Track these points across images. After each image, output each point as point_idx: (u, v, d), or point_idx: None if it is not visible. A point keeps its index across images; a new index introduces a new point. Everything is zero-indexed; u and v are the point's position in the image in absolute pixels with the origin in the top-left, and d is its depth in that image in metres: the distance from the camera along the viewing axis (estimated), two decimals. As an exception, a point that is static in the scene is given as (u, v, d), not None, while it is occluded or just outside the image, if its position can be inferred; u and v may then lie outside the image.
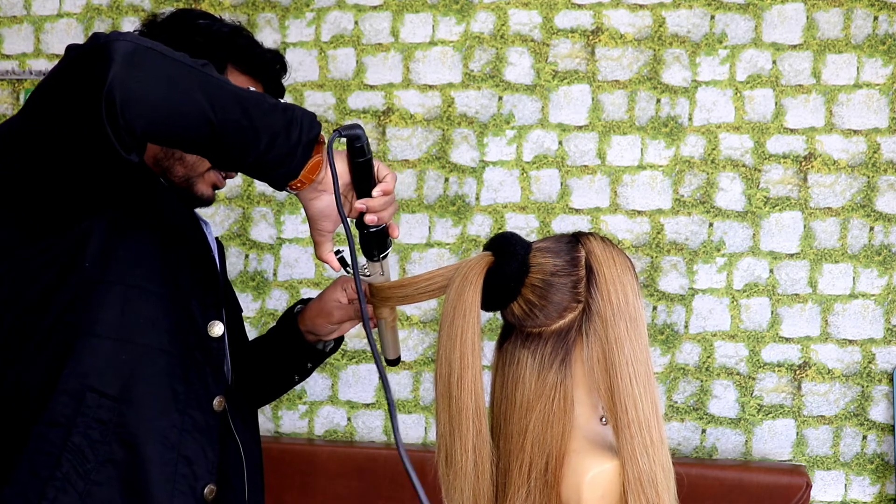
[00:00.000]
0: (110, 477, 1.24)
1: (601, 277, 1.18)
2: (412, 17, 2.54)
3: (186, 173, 1.41)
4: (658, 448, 1.15)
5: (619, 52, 2.47)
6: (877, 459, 2.40)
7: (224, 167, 1.24)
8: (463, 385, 1.16)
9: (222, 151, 1.14)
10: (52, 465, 1.21)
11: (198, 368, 1.33)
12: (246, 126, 1.13)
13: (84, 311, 1.25)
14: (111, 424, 1.24)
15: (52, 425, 1.22)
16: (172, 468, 1.27)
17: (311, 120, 1.18)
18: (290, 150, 1.16)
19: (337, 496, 2.36)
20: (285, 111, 1.17)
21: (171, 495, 1.26)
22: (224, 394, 1.36)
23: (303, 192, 1.22)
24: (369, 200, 1.25)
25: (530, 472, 1.17)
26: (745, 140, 2.43)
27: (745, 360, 2.43)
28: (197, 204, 1.46)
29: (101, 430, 1.24)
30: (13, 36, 2.69)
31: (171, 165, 1.41)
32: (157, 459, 1.26)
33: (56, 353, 1.24)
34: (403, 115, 2.54)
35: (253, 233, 2.59)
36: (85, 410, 1.23)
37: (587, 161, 2.48)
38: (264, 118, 1.14)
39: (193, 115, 1.10)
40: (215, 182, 1.45)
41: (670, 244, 2.45)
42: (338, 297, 1.54)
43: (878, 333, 2.39)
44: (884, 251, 2.39)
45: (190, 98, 1.10)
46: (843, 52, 2.40)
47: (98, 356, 1.25)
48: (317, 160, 1.19)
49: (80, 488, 1.22)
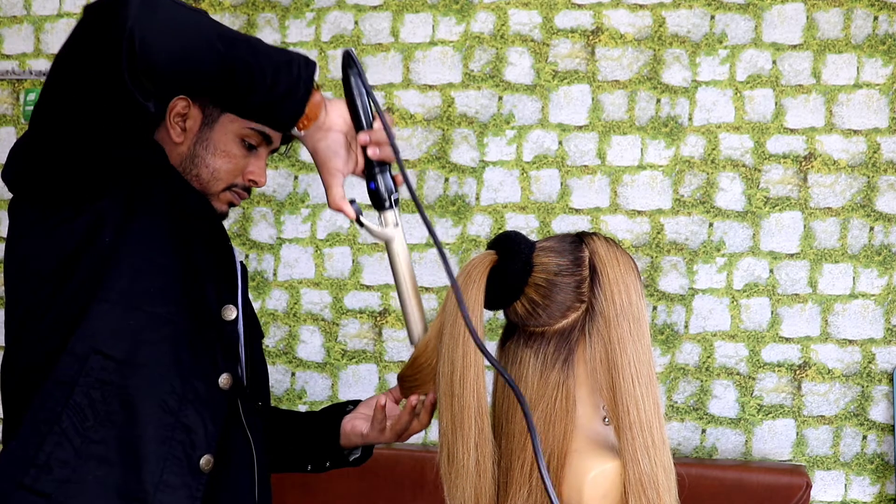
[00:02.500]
0: (107, 436, 1.27)
1: (605, 277, 1.18)
2: (412, 17, 2.54)
3: (202, 190, 1.44)
4: (659, 449, 1.15)
5: (619, 52, 2.47)
6: (877, 459, 2.40)
7: (235, 109, 1.26)
8: (465, 384, 1.16)
9: (233, 89, 1.17)
10: (53, 420, 1.26)
11: (206, 343, 1.35)
12: (252, 63, 1.16)
13: (98, 281, 1.29)
14: (113, 385, 1.28)
15: (57, 384, 1.28)
16: (168, 433, 1.29)
17: (306, 58, 1.21)
18: (294, 84, 1.18)
19: (337, 496, 2.36)
20: (282, 51, 1.21)
21: (163, 458, 1.29)
22: (233, 376, 1.37)
23: (308, 132, 1.24)
24: (371, 132, 1.27)
25: (532, 471, 1.17)
26: (745, 140, 2.43)
27: (745, 360, 2.43)
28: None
29: (103, 390, 1.28)
30: (13, 36, 2.69)
31: (188, 181, 1.44)
32: (153, 422, 1.29)
33: (69, 319, 1.29)
34: (403, 115, 2.54)
35: (253, 233, 2.59)
36: (89, 371, 1.27)
37: (587, 161, 2.48)
38: (267, 56, 1.17)
39: (206, 52, 1.14)
40: (231, 200, 1.48)
41: (670, 244, 2.46)
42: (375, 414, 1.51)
43: (878, 333, 2.40)
44: (884, 251, 2.39)
45: (202, 36, 1.14)
46: (843, 52, 2.40)
47: (106, 320, 1.29)
48: (317, 99, 1.22)
49: (77, 444, 1.26)
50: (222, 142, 1.45)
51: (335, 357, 2.56)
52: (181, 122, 1.45)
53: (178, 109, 1.44)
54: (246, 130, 1.45)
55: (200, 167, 1.44)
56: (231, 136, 1.45)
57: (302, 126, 1.22)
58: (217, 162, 1.44)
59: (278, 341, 2.58)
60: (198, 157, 1.44)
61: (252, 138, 1.46)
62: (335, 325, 2.56)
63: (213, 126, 1.45)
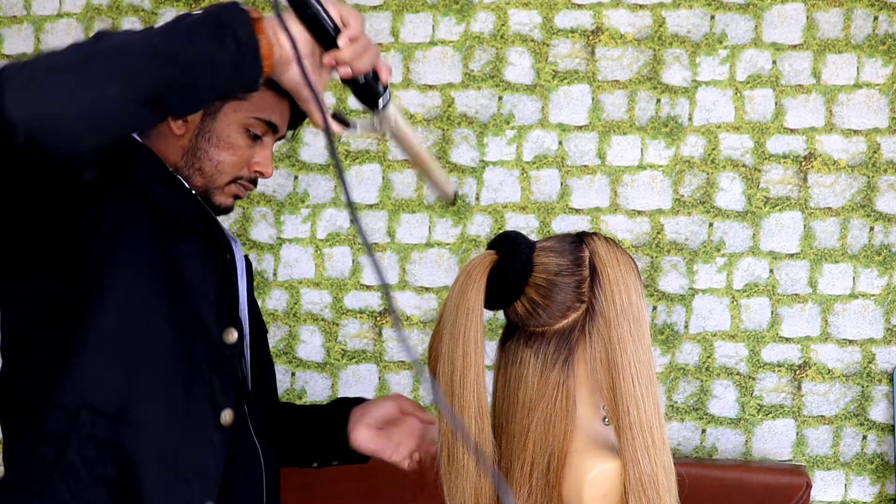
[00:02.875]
0: (101, 496, 1.20)
1: (605, 278, 1.18)
2: (412, 17, 2.54)
3: (205, 184, 1.37)
4: (660, 449, 1.15)
5: (619, 52, 2.47)
6: (877, 459, 2.40)
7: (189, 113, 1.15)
8: (466, 384, 1.16)
9: (174, 108, 1.06)
10: (43, 482, 1.17)
11: (203, 381, 1.27)
12: (176, 76, 1.02)
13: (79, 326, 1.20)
14: (106, 443, 1.20)
15: (45, 440, 1.19)
16: (169, 487, 1.23)
17: (233, 11, 1.05)
18: (237, 60, 1.05)
19: (337, 496, 2.35)
20: (205, 23, 1.04)
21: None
22: (236, 405, 1.31)
23: (273, 73, 1.11)
24: (336, 52, 1.12)
25: (532, 471, 1.17)
26: (745, 140, 2.43)
27: (745, 360, 2.43)
28: (216, 212, 1.42)
29: (96, 447, 1.19)
30: (13, 36, 2.69)
31: (191, 175, 1.37)
32: (152, 479, 1.21)
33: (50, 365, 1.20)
34: (403, 115, 2.54)
35: (253, 233, 2.59)
36: (79, 428, 1.18)
37: (587, 161, 2.48)
38: (189, 50, 1.02)
39: (116, 102, 1.00)
40: (236, 193, 1.41)
41: (670, 244, 2.46)
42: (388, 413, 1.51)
43: (878, 333, 2.40)
44: (884, 251, 2.39)
45: (100, 88, 0.99)
46: (843, 52, 2.40)
47: (92, 369, 1.20)
48: (265, 42, 1.07)
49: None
50: (226, 133, 1.36)
51: (335, 357, 2.56)
52: None
53: None
54: (251, 120, 1.37)
55: (203, 160, 1.36)
56: (235, 127, 1.37)
57: (267, 77, 1.11)
58: (221, 154, 1.36)
59: (278, 341, 2.58)
60: (200, 150, 1.36)
61: (257, 128, 1.38)
62: (335, 325, 2.56)
63: (216, 116, 1.36)
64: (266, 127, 1.39)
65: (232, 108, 1.36)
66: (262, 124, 1.38)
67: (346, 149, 2.55)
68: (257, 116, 1.37)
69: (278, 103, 1.39)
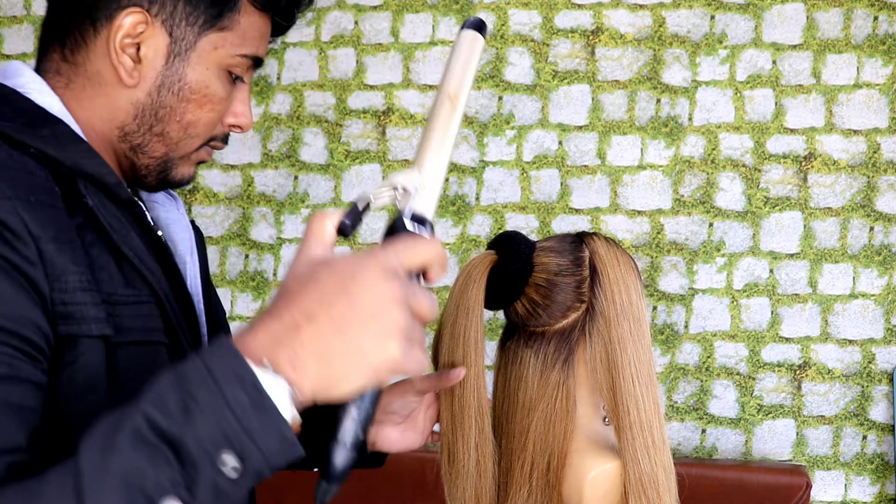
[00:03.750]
0: None
1: (605, 278, 1.18)
2: (412, 16, 2.54)
3: (167, 153, 1.02)
4: (660, 449, 1.15)
5: (619, 52, 2.47)
6: (877, 459, 2.40)
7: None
8: (465, 384, 1.16)
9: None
10: None
11: None
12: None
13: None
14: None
15: None
16: None
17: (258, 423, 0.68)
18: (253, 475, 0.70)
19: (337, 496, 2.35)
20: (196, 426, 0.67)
21: None
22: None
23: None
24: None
25: (532, 471, 1.17)
26: (745, 140, 2.43)
27: (745, 360, 2.43)
28: (170, 186, 1.07)
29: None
30: (13, 36, 2.69)
31: (148, 142, 1.00)
32: None
33: None
34: (403, 115, 2.54)
35: (253, 233, 2.59)
36: None
37: (587, 161, 2.48)
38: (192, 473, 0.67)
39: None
40: (203, 159, 1.06)
41: (670, 244, 2.46)
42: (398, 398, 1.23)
43: (878, 333, 2.39)
44: (884, 251, 2.39)
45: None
46: (843, 52, 2.40)
47: None
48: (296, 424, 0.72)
49: None
50: (203, 80, 0.99)
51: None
52: (134, 49, 0.96)
53: (129, 29, 0.95)
54: (235, 59, 1.00)
55: (168, 122, 0.99)
56: (214, 70, 0.99)
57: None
58: (194, 112, 0.99)
59: (278, 341, 2.58)
60: (164, 109, 0.98)
61: (240, 67, 1.01)
62: (335, 325, 2.56)
63: (188, 56, 0.98)
64: (251, 63, 1.03)
65: (211, 44, 0.99)
66: (248, 61, 1.02)
67: (346, 149, 2.55)
68: (244, 53, 1.01)
69: (265, 27, 1.04)
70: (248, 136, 2.58)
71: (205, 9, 0.97)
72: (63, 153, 0.90)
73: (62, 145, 0.91)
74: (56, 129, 0.92)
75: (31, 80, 0.97)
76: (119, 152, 1.02)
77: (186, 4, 0.97)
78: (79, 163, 0.91)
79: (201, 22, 0.97)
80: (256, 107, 2.58)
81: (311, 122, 2.57)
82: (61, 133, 0.92)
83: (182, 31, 0.97)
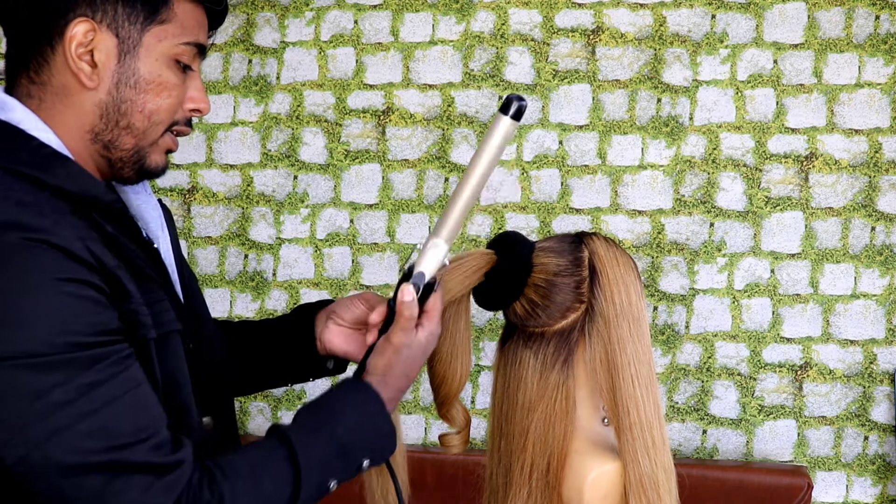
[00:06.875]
0: None
1: (604, 278, 1.17)
2: (412, 16, 2.53)
3: (137, 143, 1.11)
4: (660, 449, 1.15)
5: (620, 52, 2.46)
6: (878, 460, 2.39)
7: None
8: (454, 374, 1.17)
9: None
10: None
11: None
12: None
13: None
14: None
15: None
16: None
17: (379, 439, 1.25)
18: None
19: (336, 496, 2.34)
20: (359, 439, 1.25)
21: None
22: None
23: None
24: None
25: (532, 472, 1.17)
26: (746, 140, 2.43)
27: (746, 360, 2.43)
28: (147, 177, 1.17)
29: None
30: None
31: (117, 137, 1.11)
32: None
33: None
34: (403, 114, 2.53)
35: (252, 233, 2.58)
36: None
37: (588, 161, 2.48)
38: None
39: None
40: (170, 146, 1.16)
41: (671, 244, 2.45)
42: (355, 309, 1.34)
43: (880, 334, 2.39)
44: (885, 251, 2.39)
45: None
46: (844, 52, 2.39)
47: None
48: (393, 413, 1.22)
49: None
50: (154, 70, 1.10)
51: (335, 357, 2.55)
52: (88, 55, 1.08)
53: (80, 38, 1.07)
54: (179, 48, 1.11)
55: (132, 114, 1.10)
56: (164, 61, 1.10)
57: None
58: (154, 100, 1.10)
59: (278, 341, 2.57)
60: (125, 103, 1.09)
61: (186, 56, 1.12)
62: (335, 325, 2.56)
63: (137, 52, 1.09)
64: (196, 51, 1.14)
65: (155, 37, 1.10)
66: (192, 48, 1.13)
67: (345, 148, 2.55)
68: (186, 41, 1.12)
69: (200, 16, 1.16)
70: (247, 135, 2.58)
71: (141, 7, 1.09)
72: (79, 187, 1.06)
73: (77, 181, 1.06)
74: (68, 168, 1.07)
75: (25, 115, 1.08)
76: (94, 155, 1.13)
77: (125, 6, 1.08)
78: (91, 192, 1.06)
79: (141, 19, 1.09)
80: (256, 106, 2.57)
81: (311, 122, 2.56)
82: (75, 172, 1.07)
83: (126, 30, 1.09)
